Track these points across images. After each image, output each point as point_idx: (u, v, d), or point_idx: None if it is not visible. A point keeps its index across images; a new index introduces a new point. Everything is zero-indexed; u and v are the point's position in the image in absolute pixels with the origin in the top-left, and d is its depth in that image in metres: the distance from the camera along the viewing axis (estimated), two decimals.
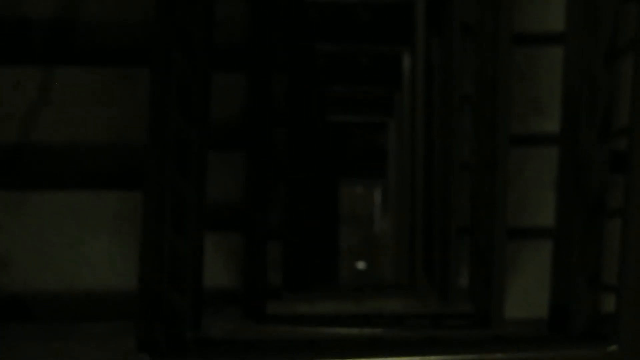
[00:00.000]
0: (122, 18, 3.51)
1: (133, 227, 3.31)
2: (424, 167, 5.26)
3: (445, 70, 4.24)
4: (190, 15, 2.49)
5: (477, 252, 3.58)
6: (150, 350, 2.08)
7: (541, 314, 2.75)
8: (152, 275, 2.21)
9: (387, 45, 7.82)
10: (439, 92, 4.50)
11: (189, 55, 2.44)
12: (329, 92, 9.11)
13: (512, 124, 3.36)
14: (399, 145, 8.45)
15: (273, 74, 4.02)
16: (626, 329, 2.13)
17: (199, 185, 2.90)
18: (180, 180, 2.38)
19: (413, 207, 6.01)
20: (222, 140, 3.73)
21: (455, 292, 3.75)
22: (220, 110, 3.49)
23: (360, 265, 18.26)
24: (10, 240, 3.39)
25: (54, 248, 3.40)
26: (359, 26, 7.80)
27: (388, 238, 12.49)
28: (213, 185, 3.16)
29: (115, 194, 3.41)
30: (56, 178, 3.50)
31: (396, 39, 7.58)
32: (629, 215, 2.11)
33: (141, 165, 2.19)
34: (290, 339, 2.34)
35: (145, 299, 2.18)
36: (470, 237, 3.73)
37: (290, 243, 4.29)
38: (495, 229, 3.22)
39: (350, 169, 14.28)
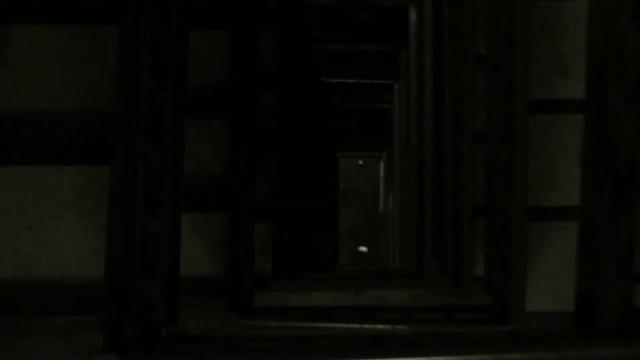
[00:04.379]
0: None
1: (100, 207, 3.31)
2: (434, 136, 5.26)
3: (456, 25, 4.23)
4: None
5: (494, 235, 3.58)
6: (118, 349, 2.08)
7: (567, 307, 2.76)
8: (121, 261, 2.22)
9: None
10: (450, 50, 4.50)
11: (162, 11, 2.43)
12: (325, 51, 9.09)
13: (534, 87, 3.35)
14: (406, 111, 8.44)
15: (260, 30, 4.01)
16: None
17: (175, 158, 2.90)
18: (153, 152, 2.38)
19: (421, 182, 6.02)
20: (201, 106, 3.73)
21: (469, 281, 3.76)
22: (200, 72, 3.49)
23: (362, 248, 18.30)
24: None
25: (11, 231, 3.41)
26: None
27: (394, 217, 12.49)
28: (192, 158, 3.16)
29: (81, 170, 3.42)
30: (14, 151, 3.50)
31: None
32: None
33: (109, 136, 2.19)
34: (280, 337, 2.34)
35: (112, 288, 2.19)
36: (486, 218, 3.74)
37: (281, 224, 4.29)
38: (514, 208, 3.21)
39: (350, 138, 14.26)
